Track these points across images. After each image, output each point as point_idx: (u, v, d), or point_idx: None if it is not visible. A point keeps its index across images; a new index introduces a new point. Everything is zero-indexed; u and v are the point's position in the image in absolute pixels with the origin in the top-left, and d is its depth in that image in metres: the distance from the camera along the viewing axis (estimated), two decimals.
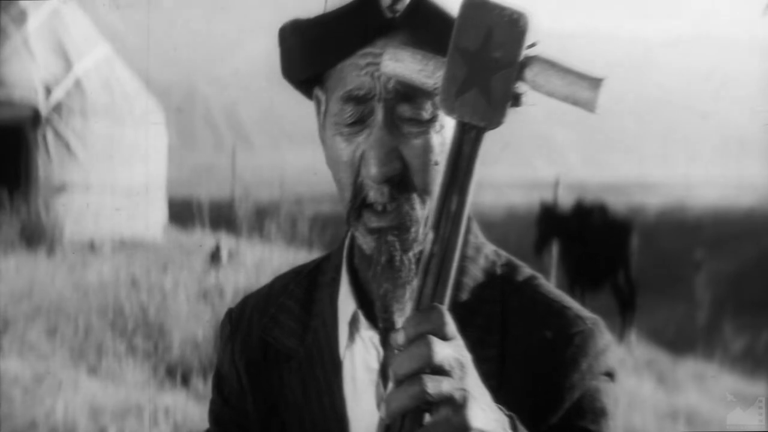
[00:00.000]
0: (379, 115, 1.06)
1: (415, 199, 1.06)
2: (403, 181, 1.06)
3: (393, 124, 1.06)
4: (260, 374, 1.21)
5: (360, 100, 1.07)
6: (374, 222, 1.07)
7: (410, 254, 1.07)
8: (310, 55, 1.11)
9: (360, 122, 1.07)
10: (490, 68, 0.89)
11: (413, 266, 1.07)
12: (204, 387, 5.99)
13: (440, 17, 1.04)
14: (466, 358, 0.87)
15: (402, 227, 1.06)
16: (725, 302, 9.68)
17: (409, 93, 1.03)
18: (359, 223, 1.08)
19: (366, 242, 1.09)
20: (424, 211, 1.07)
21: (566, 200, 10.47)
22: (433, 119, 1.05)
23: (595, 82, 0.87)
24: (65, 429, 5.16)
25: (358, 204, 1.08)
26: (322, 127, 1.13)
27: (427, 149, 1.06)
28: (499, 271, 1.16)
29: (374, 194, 1.06)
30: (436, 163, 1.06)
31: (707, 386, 7.22)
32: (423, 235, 1.07)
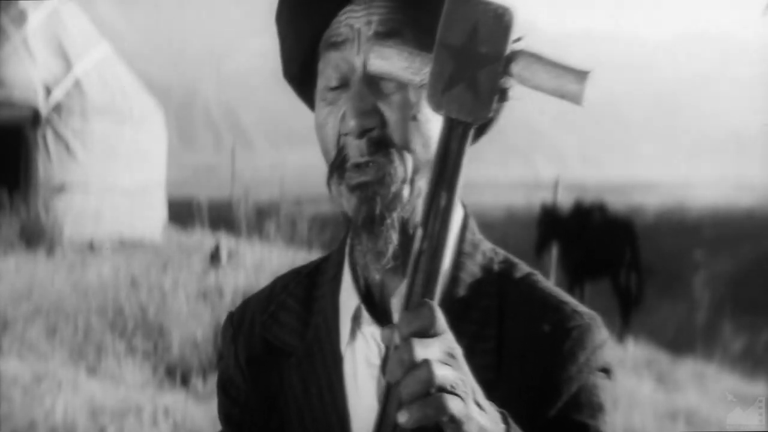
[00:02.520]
0: (358, 69, 1.07)
1: (394, 154, 1.06)
2: (382, 137, 1.06)
3: (372, 80, 1.06)
4: (261, 371, 1.21)
5: (339, 47, 1.08)
6: (354, 178, 1.07)
7: (393, 214, 1.07)
8: (298, 26, 1.13)
9: (343, 86, 1.08)
10: (477, 63, 0.89)
11: (396, 226, 1.07)
12: (203, 387, 6.00)
13: None
14: (457, 351, 0.88)
15: (382, 182, 1.05)
16: (724, 302, 9.70)
17: (388, 40, 1.04)
18: (341, 184, 1.08)
19: (348, 202, 1.08)
20: (405, 168, 1.06)
21: (566, 200, 10.49)
22: (422, 81, 1.06)
23: (581, 75, 0.87)
24: (65, 429, 5.16)
25: (339, 162, 1.08)
26: (316, 103, 1.14)
27: (405, 104, 1.05)
28: (496, 267, 1.16)
29: (353, 151, 1.06)
30: (414, 118, 1.06)
31: (707, 386, 7.23)
32: (407, 198, 1.07)
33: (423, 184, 1.07)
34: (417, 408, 0.84)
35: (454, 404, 0.85)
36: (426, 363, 0.84)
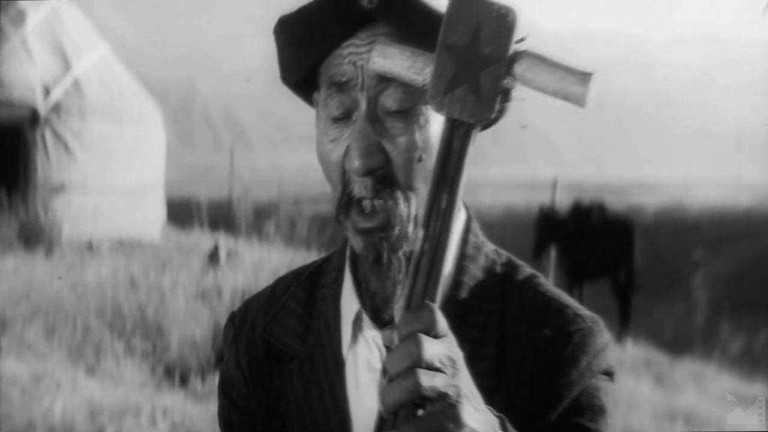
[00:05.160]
0: (362, 106, 1.06)
1: (399, 195, 1.05)
2: (386, 176, 1.05)
3: (376, 117, 1.05)
4: (262, 374, 1.21)
5: (342, 87, 1.07)
6: (361, 223, 1.07)
7: (399, 254, 1.07)
8: (296, 52, 1.12)
9: (346, 117, 1.07)
10: (479, 64, 0.89)
11: (403, 265, 1.07)
12: (202, 387, 6.00)
13: (418, 5, 1.04)
14: (458, 355, 0.87)
15: (388, 226, 1.06)
16: (723, 302, 9.69)
17: (392, 79, 1.02)
18: (348, 223, 1.09)
19: (355, 242, 1.09)
20: (408, 209, 1.06)
21: (564, 201, 10.48)
22: (417, 110, 1.05)
23: (584, 77, 0.87)
24: (63, 429, 5.16)
25: (345, 200, 1.08)
26: (317, 129, 1.13)
27: (411, 146, 1.05)
28: (499, 270, 1.15)
29: (358, 188, 1.06)
30: (420, 159, 1.05)
31: (705, 386, 7.23)
32: (412, 234, 1.06)
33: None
34: (397, 382, 0.84)
35: (438, 379, 0.84)
36: (412, 371, 0.83)
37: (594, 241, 9.91)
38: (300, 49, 1.11)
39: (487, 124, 1.11)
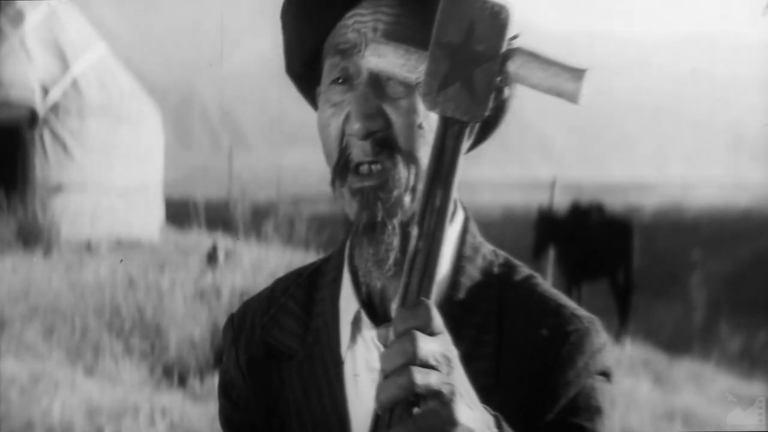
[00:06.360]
0: (364, 72, 1.06)
1: (399, 159, 1.05)
2: (386, 139, 1.05)
3: (378, 83, 1.06)
4: (261, 374, 1.21)
5: (345, 54, 1.08)
6: (357, 183, 1.06)
7: (394, 220, 1.06)
8: (303, 28, 1.13)
9: (347, 82, 1.08)
10: (473, 62, 0.89)
11: (397, 232, 1.06)
12: (200, 387, 6.00)
13: None
14: (453, 353, 0.87)
15: (385, 188, 1.05)
16: (722, 302, 9.70)
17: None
18: (344, 187, 1.08)
19: (350, 206, 1.08)
20: (408, 175, 1.06)
21: (563, 201, 10.49)
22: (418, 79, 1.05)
23: (577, 74, 0.87)
24: (62, 429, 5.16)
25: (342, 164, 1.07)
26: (320, 100, 1.13)
27: (411, 110, 1.05)
28: (496, 270, 1.15)
29: (357, 152, 1.06)
30: (420, 126, 1.05)
31: (704, 386, 7.23)
32: (409, 204, 1.06)
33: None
34: (391, 380, 0.84)
35: (432, 377, 0.84)
36: (406, 369, 0.83)
37: (593, 242, 9.92)
38: (306, 22, 1.11)
39: (490, 126, 1.11)
